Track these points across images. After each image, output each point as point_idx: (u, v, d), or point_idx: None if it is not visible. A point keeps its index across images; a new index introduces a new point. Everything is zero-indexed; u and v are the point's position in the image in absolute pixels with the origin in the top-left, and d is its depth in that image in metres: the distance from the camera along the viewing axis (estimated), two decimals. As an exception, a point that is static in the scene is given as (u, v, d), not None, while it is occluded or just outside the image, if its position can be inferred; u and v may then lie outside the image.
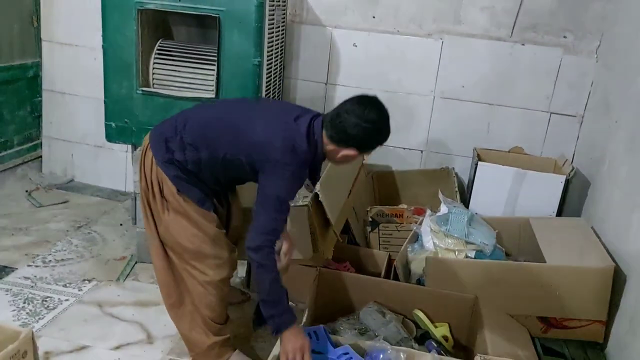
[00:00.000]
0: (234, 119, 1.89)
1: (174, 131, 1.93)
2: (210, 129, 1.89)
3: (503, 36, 3.07)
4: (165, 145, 1.92)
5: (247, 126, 1.83)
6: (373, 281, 2.34)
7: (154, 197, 1.96)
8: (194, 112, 2.02)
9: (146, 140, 2.00)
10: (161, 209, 1.96)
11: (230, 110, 1.96)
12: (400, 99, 3.27)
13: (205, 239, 1.96)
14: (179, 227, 1.95)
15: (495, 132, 3.19)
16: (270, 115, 1.89)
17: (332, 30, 3.27)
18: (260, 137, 1.78)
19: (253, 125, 1.82)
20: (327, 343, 1.76)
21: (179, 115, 2.01)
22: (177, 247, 1.99)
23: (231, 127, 1.86)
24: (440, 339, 2.16)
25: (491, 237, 2.38)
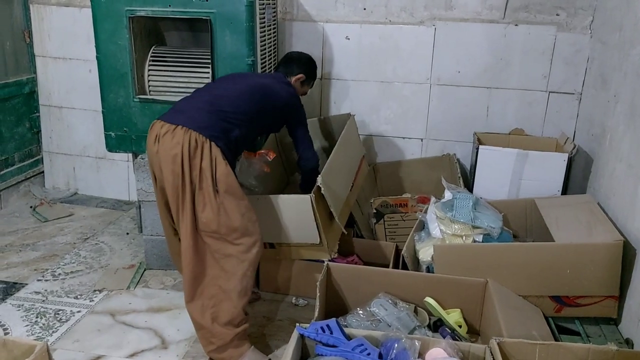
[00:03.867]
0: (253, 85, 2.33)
1: (224, 114, 2.14)
2: (246, 100, 2.23)
3: (496, 18, 3.06)
4: (223, 129, 2.10)
5: (267, 87, 2.35)
6: (382, 272, 2.34)
7: (203, 185, 2.04)
8: (220, 88, 2.28)
9: (186, 132, 2.04)
10: (213, 194, 2.05)
11: (242, 82, 2.34)
12: (397, 88, 3.26)
13: (252, 210, 2.16)
14: (232, 205, 2.07)
15: (495, 116, 3.18)
16: (270, 80, 2.46)
17: (323, 25, 3.26)
18: (282, 95, 2.38)
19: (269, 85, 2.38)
20: (340, 336, 1.76)
21: (208, 101, 2.19)
22: (223, 230, 2.07)
23: (258, 90, 2.30)
24: (453, 325, 2.15)
25: (498, 220, 2.38)
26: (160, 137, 2.06)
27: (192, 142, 2.02)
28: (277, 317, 2.51)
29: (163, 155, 2.04)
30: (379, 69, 3.25)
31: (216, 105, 2.15)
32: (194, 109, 2.14)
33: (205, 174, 2.03)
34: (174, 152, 2.02)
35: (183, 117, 2.09)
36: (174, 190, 2.06)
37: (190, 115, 2.10)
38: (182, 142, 2.01)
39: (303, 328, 1.81)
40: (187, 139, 2.01)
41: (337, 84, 3.33)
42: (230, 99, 2.20)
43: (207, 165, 2.03)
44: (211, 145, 2.04)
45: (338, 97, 3.36)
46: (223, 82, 2.36)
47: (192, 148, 2.02)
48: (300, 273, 2.66)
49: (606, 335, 2.19)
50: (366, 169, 3.06)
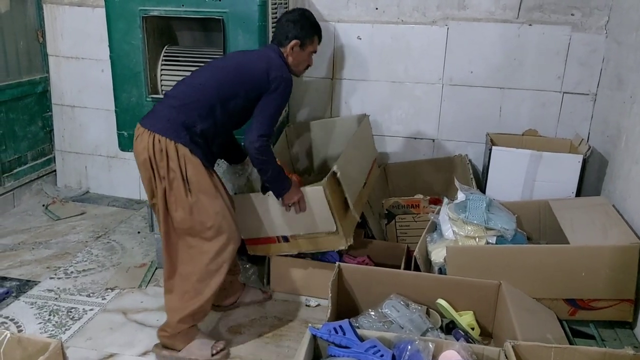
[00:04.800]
0: (225, 66, 2.21)
1: (185, 107, 2.08)
2: (211, 88, 2.12)
3: (509, 18, 3.04)
4: (184, 125, 2.05)
5: (241, 66, 2.19)
6: (394, 273, 2.32)
7: (173, 185, 2.05)
8: (191, 80, 2.18)
9: (149, 135, 2.04)
10: (185, 193, 2.06)
11: (215, 66, 2.24)
12: (408, 88, 3.25)
13: (227, 208, 2.14)
14: (205, 204, 2.08)
15: (508, 116, 3.16)
16: (248, 56, 2.27)
17: (335, 25, 3.25)
18: (257, 67, 2.17)
19: (243, 64, 2.20)
20: (353, 337, 1.75)
21: (173, 96, 2.14)
22: (198, 227, 2.09)
23: (229, 72, 2.17)
24: (466, 328, 2.14)
25: (511, 221, 2.36)
26: (134, 142, 2.09)
27: (156, 146, 2.02)
28: (289, 317, 2.50)
29: (137, 160, 2.09)
30: (391, 68, 3.24)
31: (180, 100, 2.10)
32: (163, 108, 2.11)
33: (175, 174, 2.04)
34: (143, 157, 2.04)
35: (151, 119, 2.09)
36: (149, 193, 2.13)
37: (157, 117, 2.09)
38: (147, 146, 2.02)
39: (316, 329, 1.81)
40: (152, 143, 2.02)
41: (348, 84, 3.32)
42: (195, 91, 2.13)
43: (175, 166, 2.03)
44: (176, 146, 2.03)
45: (349, 97, 3.35)
46: (200, 71, 2.25)
47: (157, 151, 2.02)
48: (311, 274, 2.65)
49: (622, 339, 2.16)
50: (377, 171, 3.04)
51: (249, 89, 2.16)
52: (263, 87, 2.16)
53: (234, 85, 2.15)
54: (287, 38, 2.31)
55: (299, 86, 3.38)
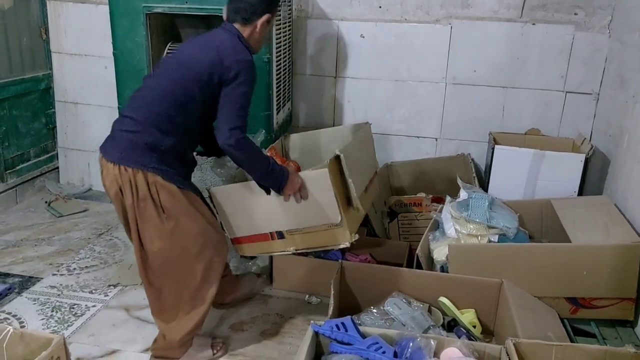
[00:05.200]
0: (175, 64, 1.95)
1: (144, 125, 1.86)
2: (167, 92, 1.88)
3: (513, 17, 3.04)
4: (148, 147, 1.85)
5: (188, 61, 1.91)
6: (396, 271, 2.33)
7: (145, 215, 1.88)
8: (145, 90, 1.94)
9: (114, 167, 1.85)
10: (160, 221, 1.88)
11: (166, 67, 2.00)
12: (411, 87, 3.25)
13: (206, 223, 2.00)
14: (185, 227, 1.93)
15: (511, 115, 3.16)
16: (197, 45, 1.97)
17: (338, 23, 3.25)
18: (206, 58, 1.88)
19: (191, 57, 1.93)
20: (355, 334, 1.76)
21: (130, 115, 1.90)
22: (180, 251, 1.95)
23: (178, 70, 1.91)
24: (468, 326, 2.14)
25: (513, 220, 2.36)
26: (101, 175, 1.93)
27: (124, 177, 1.84)
28: (290, 314, 2.50)
29: (108, 194, 1.92)
30: (394, 67, 3.24)
31: (137, 118, 1.87)
32: (122, 132, 1.89)
33: (145, 204, 1.86)
34: (114, 191, 1.88)
35: (111, 148, 1.89)
36: (124, 223, 1.96)
37: (118, 144, 1.88)
38: (115, 179, 1.86)
39: (318, 325, 1.81)
40: (119, 175, 1.84)
41: (351, 83, 3.33)
42: (150, 103, 1.88)
43: (146, 195, 1.85)
44: (145, 175, 1.84)
45: (352, 96, 3.35)
46: (152, 76, 2.02)
47: (126, 182, 1.84)
48: (313, 271, 2.66)
49: (622, 337, 2.17)
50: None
51: (203, 86, 1.88)
52: (218, 79, 1.87)
53: (186, 85, 1.88)
54: (255, 14, 1.97)
55: (302, 84, 3.39)
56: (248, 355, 2.22)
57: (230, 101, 1.87)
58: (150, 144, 1.85)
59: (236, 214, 2.19)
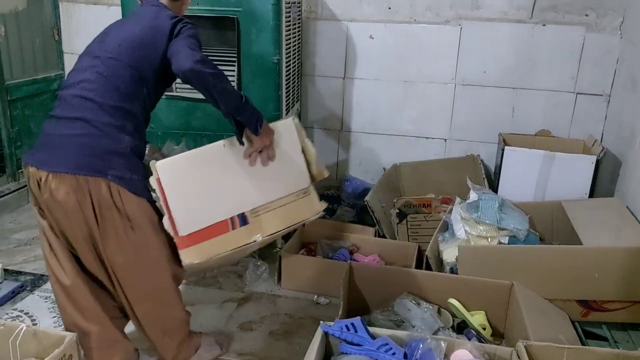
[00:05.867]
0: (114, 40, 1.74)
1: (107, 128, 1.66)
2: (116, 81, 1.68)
3: (523, 18, 3.03)
4: (113, 153, 1.66)
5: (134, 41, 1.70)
6: (405, 272, 2.33)
7: (107, 227, 1.68)
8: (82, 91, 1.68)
9: (70, 178, 1.62)
10: (124, 232, 1.69)
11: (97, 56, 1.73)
12: (420, 88, 3.25)
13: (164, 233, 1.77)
14: (151, 237, 1.74)
15: (520, 117, 3.15)
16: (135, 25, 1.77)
17: (347, 24, 3.26)
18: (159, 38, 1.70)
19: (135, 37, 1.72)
20: (365, 335, 1.76)
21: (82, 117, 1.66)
22: (154, 265, 1.78)
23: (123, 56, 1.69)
24: (477, 328, 2.13)
25: (524, 222, 2.35)
26: (42, 183, 1.66)
27: (83, 187, 1.63)
28: (299, 314, 2.51)
29: (59, 205, 1.66)
30: (403, 68, 3.24)
31: (90, 118, 1.65)
32: (69, 137, 1.66)
33: (109, 214, 1.66)
34: (72, 204, 1.64)
35: (59, 156, 1.65)
36: (84, 241, 1.71)
37: (67, 152, 1.65)
38: (71, 190, 1.63)
39: (328, 326, 1.81)
40: (76, 186, 1.63)
41: (360, 84, 3.33)
42: (100, 99, 1.67)
43: (109, 204, 1.65)
44: (109, 183, 1.64)
45: (361, 97, 3.35)
46: (80, 72, 1.73)
47: (84, 194, 1.63)
48: (322, 272, 2.66)
49: (634, 341, 2.15)
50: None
51: (151, 64, 1.70)
52: (164, 47, 1.69)
53: (135, 69, 1.70)
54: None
55: (311, 85, 3.39)
56: (257, 355, 2.22)
57: (183, 41, 1.67)
58: (109, 148, 1.66)
59: (187, 197, 1.74)
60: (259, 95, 2.66)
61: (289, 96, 2.89)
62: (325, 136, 3.48)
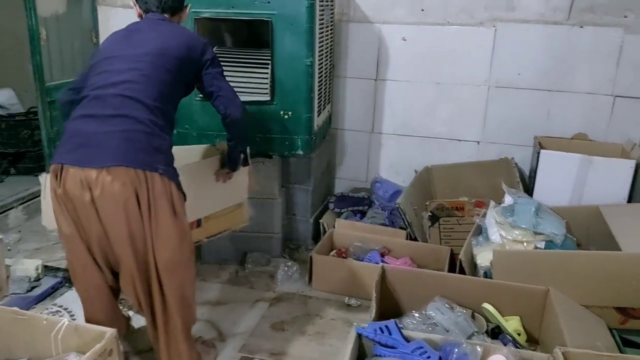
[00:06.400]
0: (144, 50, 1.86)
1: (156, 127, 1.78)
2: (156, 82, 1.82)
3: (559, 20, 2.98)
4: (154, 149, 1.76)
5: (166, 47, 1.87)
6: (438, 276, 2.32)
7: (160, 217, 1.78)
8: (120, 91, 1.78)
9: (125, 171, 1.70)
10: (173, 223, 1.80)
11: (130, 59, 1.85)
12: (453, 90, 3.22)
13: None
14: (186, 225, 1.88)
15: (556, 120, 3.09)
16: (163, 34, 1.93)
17: (380, 26, 3.26)
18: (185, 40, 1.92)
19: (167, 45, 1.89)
20: (399, 337, 1.76)
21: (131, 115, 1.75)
22: (191, 254, 1.90)
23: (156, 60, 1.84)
24: (512, 333, 2.11)
25: (561, 226, 2.31)
26: (93, 181, 1.70)
27: (140, 179, 1.72)
28: (330, 316, 2.52)
29: (111, 200, 1.72)
30: (436, 70, 3.22)
31: (134, 116, 1.75)
32: (109, 134, 1.73)
33: (161, 203, 1.76)
34: (126, 195, 1.71)
35: (105, 153, 1.72)
36: (126, 238, 1.77)
37: (113, 147, 1.72)
38: (128, 181, 1.71)
39: (361, 328, 1.82)
40: (132, 177, 1.71)
41: (392, 85, 3.32)
42: (141, 98, 1.77)
43: (161, 194, 1.75)
44: (161, 176, 1.75)
45: (392, 99, 3.35)
46: (123, 73, 1.81)
47: (141, 184, 1.72)
48: (353, 274, 2.66)
49: (675, 350, 2.10)
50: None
51: (183, 70, 1.90)
52: (197, 60, 1.94)
53: (168, 72, 1.85)
54: (182, 4, 2.08)
55: (342, 87, 3.40)
56: (289, 355, 2.24)
57: (223, 78, 2.01)
58: (155, 144, 1.76)
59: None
60: (291, 98, 2.69)
61: (320, 98, 2.91)
62: (356, 138, 3.48)
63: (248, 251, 2.93)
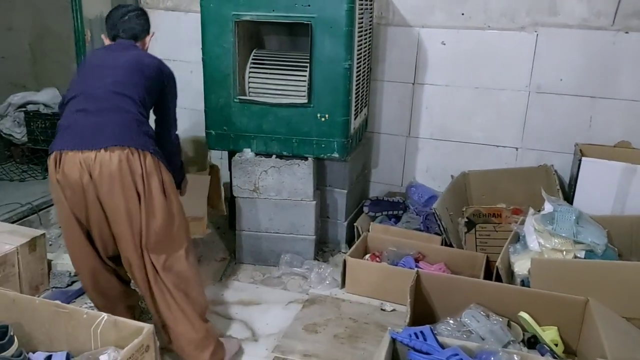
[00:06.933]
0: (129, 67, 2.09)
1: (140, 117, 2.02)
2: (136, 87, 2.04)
3: (604, 25, 2.90)
4: (147, 134, 2.02)
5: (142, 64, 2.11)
6: (474, 283, 2.29)
7: (153, 191, 1.97)
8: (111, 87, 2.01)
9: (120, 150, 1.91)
10: (163, 199, 1.99)
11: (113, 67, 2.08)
12: (493, 95, 3.18)
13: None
14: (177, 205, 2.08)
15: (598, 127, 3.02)
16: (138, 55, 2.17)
17: (419, 30, 3.24)
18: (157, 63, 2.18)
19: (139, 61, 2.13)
20: (434, 344, 1.74)
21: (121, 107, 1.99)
22: (182, 227, 2.07)
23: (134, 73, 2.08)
24: (549, 343, 2.07)
25: (602, 236, 2.25)
26: (92, 162, 1.90)
27: (135, 157, 1.93)
28: (364, 320, 2.51)
29: (109, 178, 1.90)
30: (475, 75, 3.18)
31: (124, 107, 1.99)
32: (102, 122, 1.95)
33: (154, 180, 1.97)
34: (123, 171, 1.90)
35: (102, 136, 1.92)
36: (125, 214, 1.94)
37: (109, 131, 1.93)
38: (124, 158, 1.90)
39: (396, 333, 1.81)
40: (127, 155, 1.91)
41: (429, 89, 3.30)
42: (132, 93, 2.02)
43: (153, 171, 1.97)
44: (152, 156, 1.98)
45: (430, 103, 3.32)
46: (108, 76, 2.05)
47: (136, 162, 1.93)
48: (387, 279, 2.65)
49: None
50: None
51: (152, 86, 2.12)
52: (161, 84, 2.17)
53: (144, 83, 2.09)
54: (145, 30, 2.31)
55: (380, 90, 3.40)
56: (321, 357, 2.25)
57: (173, 108, 2.28)
58: (144, 130, 2.02)
59: None
60: (328, 101, 2.70)
61: (358, 101, 2.91)
62: (392, 142, 3.47)
63: (282, 252, 2.95)
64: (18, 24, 4.46)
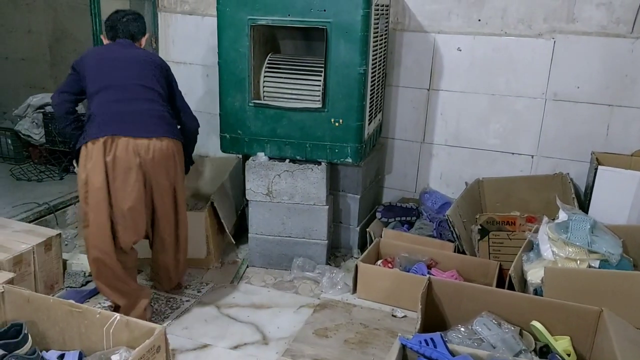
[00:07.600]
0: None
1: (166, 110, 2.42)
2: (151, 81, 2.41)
3: (622, 32, 2.87)
4: (173, 122, 2.46)
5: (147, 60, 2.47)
6: (487, 290, 2.26)
7: (178, 167, 2.45)
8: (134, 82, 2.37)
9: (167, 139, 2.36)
10: (182, 173, 2.51)
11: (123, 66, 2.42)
12: (509, 102, 3.16)
13: None
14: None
15: (616, 135, 2.98)
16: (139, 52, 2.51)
17: (435, 36, 3.23)
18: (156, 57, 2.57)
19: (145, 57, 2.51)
20: (445, 351, 1.73)
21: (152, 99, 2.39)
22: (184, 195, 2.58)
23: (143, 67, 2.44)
24: (562, 353, 2.04)
25: (617, 246, 2.23)
26: (147, 147, 2.28)
27: (175, 144, 2.39)
28: (374, 325, 2.51)
29: (162, 160, 2.33)
30: (491, 81, 3.17)
31: (155, 100, 2.38)
32: (143, 112, 2.33)
33: (180, 160, 2.46)
34: (170, 154, 2.36)
35: (147, 126, 2.32)
36: (168, 186, 2.40)
37: (151, 123, 2.33)
38: (171, 145, 2.36)
39: (406, 339, 1.80)
40: (171, 143, 2.36)
41: (444, 95, 3.29)
42: (156, 87, 2.40)
43: (182, 154, 2.49)
44: (180, 143, 2.47)
45: (445, 109, 3.31)
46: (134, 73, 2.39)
47: (175, 147, 2.40)
48: (399, 285, 2.64)
49: None
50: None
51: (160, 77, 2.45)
52: (166, 73, 2.50)
53: (154, 77, 2.43)
54: (142, 32, 2.57)
55: (394, 96, 3.39)
56: (332, 362, 2.25)
57: (180, 94, 2.60)
58: (171, 121, 2.44)
59: None
60: (342, 106, 2.71)
61: (372, 106, 2.92)
62: (406, 147, 3.46)
63: (294, 256, 2.95)
64: (37, 26, 4.55)
